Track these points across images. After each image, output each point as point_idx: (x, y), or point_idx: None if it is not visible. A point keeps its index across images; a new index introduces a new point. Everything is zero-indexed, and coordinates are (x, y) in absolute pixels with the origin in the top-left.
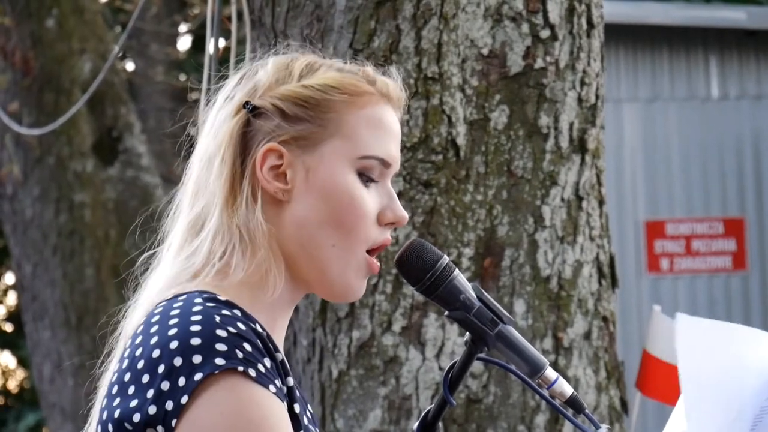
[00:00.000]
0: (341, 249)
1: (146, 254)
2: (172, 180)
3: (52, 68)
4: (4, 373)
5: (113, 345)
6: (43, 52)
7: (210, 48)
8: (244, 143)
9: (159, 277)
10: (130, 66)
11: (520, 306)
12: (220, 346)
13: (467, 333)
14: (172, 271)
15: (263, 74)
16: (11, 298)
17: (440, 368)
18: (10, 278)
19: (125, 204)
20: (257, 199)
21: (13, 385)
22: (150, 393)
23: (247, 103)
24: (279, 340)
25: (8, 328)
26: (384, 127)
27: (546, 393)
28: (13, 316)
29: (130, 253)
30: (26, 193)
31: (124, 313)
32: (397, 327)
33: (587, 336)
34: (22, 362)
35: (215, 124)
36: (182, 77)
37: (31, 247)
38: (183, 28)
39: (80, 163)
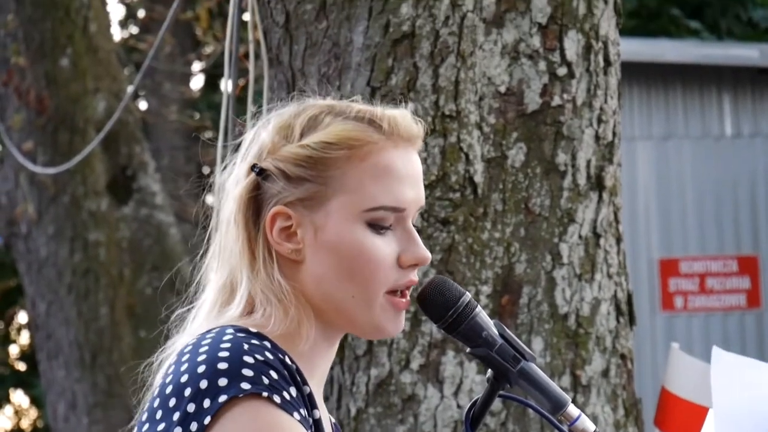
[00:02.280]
0: (360, 298)
1: (178, 312)
2: (186, 219)
3: (67, 107)
4: (17, 412)
5: (145, 394)
6: (58, 92)
7: (228, 86)
8: (256, 206)
9: (192, 331)
10: (143, 105)
11: (538, 343)
12: (247, 372)
13: (489, 370)
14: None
15: (266, 135)
16: (24, 337)
17: (459, 406)
18: (23, 317)
19: (139, 243)
20: (274, 261)
21: (26, 424)
22: (176, 416)
23: (254, 165)
24: (321, 382)
25: (21, 367)
26: (390, 174)
27: (566, 429)
28: (26, 355)
29: (144, 292)
30: (41, 232)
31: (152, 366)
32: (415, 365)
33: (605, 373)
34: (35, 401)
35: (232, 184)
36: (196, 116)
37: (45, 285)
38: (196, 67)
39: (95, 202)
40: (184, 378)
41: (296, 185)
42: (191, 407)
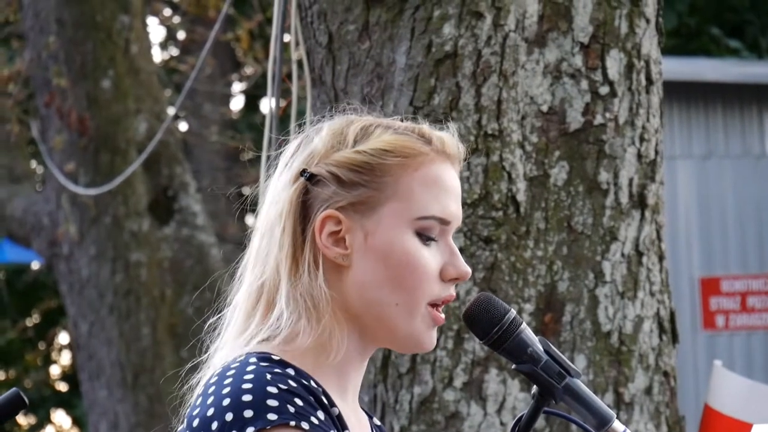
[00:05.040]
0: (404, 307)
1: (210, 321)
2: (226, 239)
3: (108, 129)
4: None
5: (184, 410)
6: (99, 113)
7: (271, 106)
8: (303, 211)
9: (226, 345)
10: (184, 126)
11: (580, 361)
12: (272, 402)
13: (534, 386)
14: (241, 340)
15: (318, 141)
16: (65, 358)
17: (501, 423)
18: (64, 338)
19: (181, 263)
20: (319, 266)
21: None
22: None
23: (304, 171)
24: (353, 397)
25: (63, 387)
26: (440, 185)
27: None
28: (67, 376)
29: (185, 312)
30: (82, 253)
31: (190, 382)
32: (458, 382)
33: (648, 391)
34: (77, 422)
35: (275, 192)
36: (236, 137)
37: (87, 306)
38: (237, 88)
39: (136, 223)
40: (210, 411)
41: (349, 190)
42: None
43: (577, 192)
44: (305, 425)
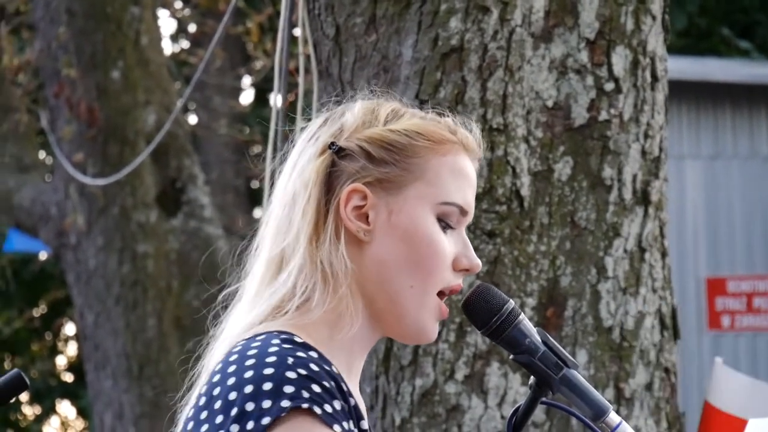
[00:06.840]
0: (418, 290)
1: (228, 289)
2: (234, 231)
3: (117, 120)
4: (63, 423)
5: (193, 380)
6: (108, 104)
7: (278, 100)
8: (328, 183)
9: (241, 312)
10: (193, 119)
11: (582, 356)
12: (288, 388)
13: (531, 377)
14: (255, 306)
15: (350, 116)
16: (71, 348)
17: (502, 417)
18: (70, 328)
19: (188, 255)
20: (340, 237)
21: None
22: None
23: (333, 143)
24: (355, 378)
25: (68, 378)
26: (464, 175)
27: None
28: (73, 366)
29: (192, 304)
30: (90, 243)
31: (205, 347)
32: (459, 375)
33: (649, 387)
34: (82, 412)
35: (299, 163)
36: (245, 130)
37: (94, 296)
38: (246, 81)
39: (144, 214)
40: (233, 395)
41: (377, 166)
42: (234, 428)
43: (580, 187)
44: (317, 410)
